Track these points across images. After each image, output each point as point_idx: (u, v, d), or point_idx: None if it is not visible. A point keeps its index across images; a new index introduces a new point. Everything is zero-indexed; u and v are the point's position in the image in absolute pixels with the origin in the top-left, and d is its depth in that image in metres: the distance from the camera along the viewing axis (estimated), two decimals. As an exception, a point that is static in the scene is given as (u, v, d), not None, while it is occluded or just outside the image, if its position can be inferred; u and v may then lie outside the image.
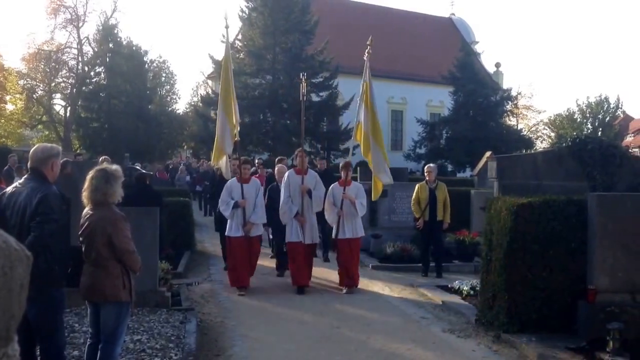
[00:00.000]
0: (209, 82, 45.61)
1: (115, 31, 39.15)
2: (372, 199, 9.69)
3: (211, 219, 18.23)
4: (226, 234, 9.41)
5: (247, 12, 32.85)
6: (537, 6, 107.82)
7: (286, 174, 9.82)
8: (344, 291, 9.27)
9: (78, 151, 33.25)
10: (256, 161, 15.91)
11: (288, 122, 30.96)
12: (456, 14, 53.87)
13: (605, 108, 56.98)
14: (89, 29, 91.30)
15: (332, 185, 9.81)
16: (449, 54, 38.88)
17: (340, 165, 10.06)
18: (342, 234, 9.42)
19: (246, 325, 7.42)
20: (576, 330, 6.60)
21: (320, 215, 9.93)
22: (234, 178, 9.52)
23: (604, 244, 6.63)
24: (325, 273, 10.78)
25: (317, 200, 9.48)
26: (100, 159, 12.51)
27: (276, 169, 11.14)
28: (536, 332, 6.69)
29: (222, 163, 9.75)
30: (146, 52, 41.01)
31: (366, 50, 9.97)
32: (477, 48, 48.43)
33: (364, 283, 9.87)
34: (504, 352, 6.48)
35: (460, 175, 32.52)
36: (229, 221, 9.35)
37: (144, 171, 12.52)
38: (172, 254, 10.61)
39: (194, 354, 6.01)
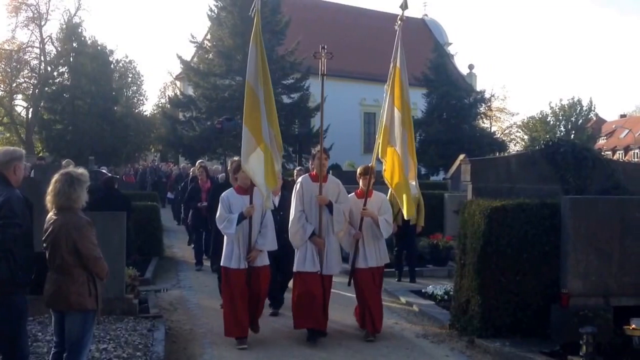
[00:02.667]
0: (177, 83, 45.12)
1: (80, 30, 38.43)
2: (406, 216, 7.42)
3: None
4: (222, 263, 6.97)
5: (216, 11, 32.54)
6: (510, 9, 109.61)
7: (299, 181, 7.32)
8: (368, 338, 7.09)
9: (41, 154, 32.55)
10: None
11: (258, 124, 30.75)
12: (429, 15, 54.21)
13: (577, 111, 57.96)
14: (52, 28, 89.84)
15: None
16: (422, 55, 39.07)
17: (358, 170, 7.65)
18: (364, 261, 7.22)
19: (216, 332, 7.26)
20: (550, 335, 6.60)
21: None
22: (231, 189, 7.19)
23: (577, 248, 6.65)
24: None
25: (339, 215, 7.10)
26: (64, 162, 12.21)
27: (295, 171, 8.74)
28: (510, 336, 6.67)
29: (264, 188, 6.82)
30: (112, 52, 40.41)
31: (398, 18, 7.75)
32: (451, 50, 48.80)
33: (337, 288, 9.65)
34: (478, 357, 6.46)
35: (433, 178, 32.66)
36: (225, 246, 6.97)
37: (110, 174, 12.28)
38: (139, 260, 10.40)
39: (163, 363, 5.86)
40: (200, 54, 35.01)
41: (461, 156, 16.07)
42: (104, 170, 18.83)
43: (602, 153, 24.07)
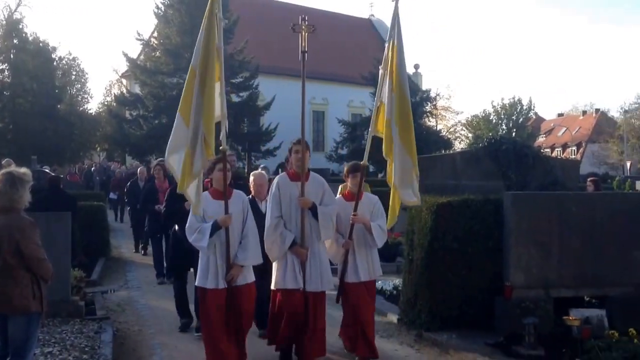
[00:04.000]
0: (123, 80, 44.25)
1: (20, 26, 37.12)
2: (387, 225, 6.41)
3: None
4: (197, 283, 5.77)
5: (162, 8, 32.07)
6: (454, 10, 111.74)
7: (275, 181, 6.14)
8: None
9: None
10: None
11: (207, 123, 30.51)
12: (375, 15, 54.90)
13: (518, 109, 59.46)
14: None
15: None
16: (369, 54, 39.50)
17: (346, 168, 6.60)
18: (355, 275, 6.20)
19: (165, 333, 7.21)
20: (494, 326, 6.78)
21: None
22: (205, 192, 5.86)
23: (519, 242, 6.87)
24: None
25: (326, 220, 5.95)
26: (3, 162, 11.81)
27: (252, 177, 7.32)
28: (457, 329, 6.83)
29: (189, 191, 5.56)
30: (54, 49, 39.13)
31: None
32: (397, 50, 49.44)
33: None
34: (426, 350, 6.59)
35: (382, 176, 33.01)
36: (200, 263, 5.76)
37: (53, 174, 11.97)
38: (85, 261, 10.19)
39: (111, 365, 5.79)
40: (147, 51, 34.45)
41: (409, 154, 16.28)
42: (46, 170, 18.34)
43: (542, 150, 24.77)
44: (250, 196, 6.91)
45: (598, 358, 5.61)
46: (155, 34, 34.09)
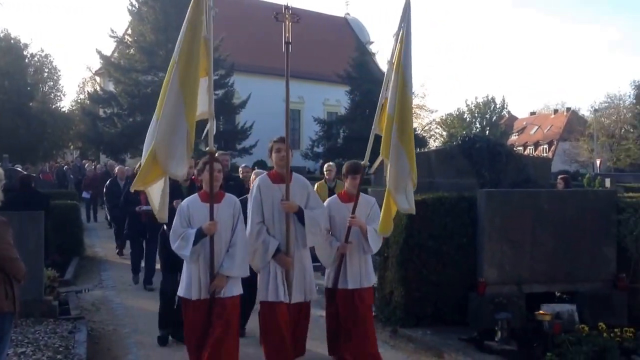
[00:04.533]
0: (97, 78, 43.77)
1: (-9, 23, 36.61)
2: (379, 232, 5.79)
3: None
4: (180, 293, 5.25)
5: (137, 6, 31.79)
6: (429, 8, 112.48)
7: (255, 183, 5.61)
8: None
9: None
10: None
11: (182, 121, 30.35)
12: (351, 14, 55.09)
13: (492, 108, 60.38)
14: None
15: (328, 202, 5.98)
16: (344, 53, 39.63)
17: (345, 167, 5.99)
18: (344, 281, 5.69)
19: (141, 332, 7.16)
20: (468, 322, 6.88)
21: None
22: (194, 195, 5.34)
23: (492, 239, 6.96)
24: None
25: (312, 225, 5.43)
26: (-26, 161, 11.64)
27: (253, 175, 6.91)
28: (432, 325, 6.91)
29: (152, 192, 5.15)
30: (26, 46, 38.56)
31: None
32: (372, 48, 49.74)
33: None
34: (401, 347, 6.64)
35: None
36: (183, 271, 5.26)
37: (25, 172, 11.81)
38: (59, 261, 10.06)
39: (85, 365, 5.73)
40: (120, 49, 34.13)
41: (384, 152, 16.35)
42: (18, 169, 18.05)
43: (514, 148, 25.07)
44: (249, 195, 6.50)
45: (568, 352, 5.72)
46: (129, 32, 33.75)
